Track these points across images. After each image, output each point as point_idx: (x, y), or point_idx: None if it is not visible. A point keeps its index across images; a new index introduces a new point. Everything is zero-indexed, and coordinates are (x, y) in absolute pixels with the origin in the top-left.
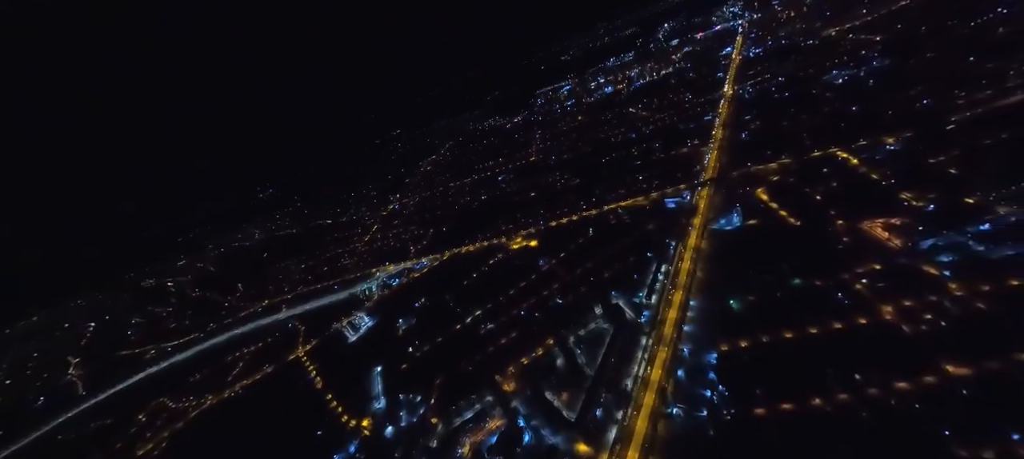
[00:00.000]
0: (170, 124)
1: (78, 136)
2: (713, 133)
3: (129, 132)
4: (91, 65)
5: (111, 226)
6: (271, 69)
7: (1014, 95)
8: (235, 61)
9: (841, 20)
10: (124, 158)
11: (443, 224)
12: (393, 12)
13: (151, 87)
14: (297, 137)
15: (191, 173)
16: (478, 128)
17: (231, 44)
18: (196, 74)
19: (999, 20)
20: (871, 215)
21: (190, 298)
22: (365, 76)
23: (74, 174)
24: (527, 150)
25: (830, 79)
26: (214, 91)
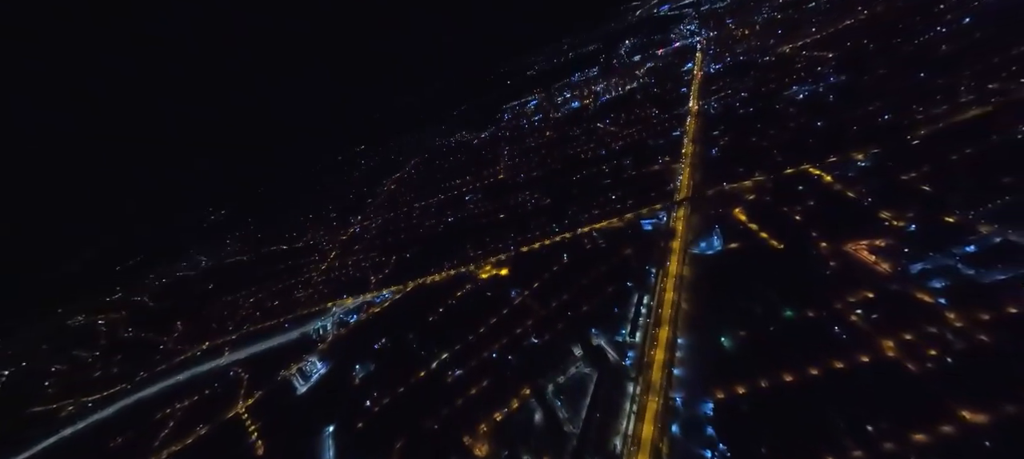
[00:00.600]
0: (169, 124)
1: (78, 136)
2: (683, 149)
3: (127, 132)
4: (91, 65)
5: (50, 252)
6: (253, 71)
7: (970, 110)
8: (234, 61)
9: (793, 38)
10: (121, 158)
11: (407, 250)
12: (355, 28)
13: (151, 87)
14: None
15: (188, 175)
16: (445, 144)
17: (231, 44)
18: (196, 74)
19: (940, 38)
20: (854, 236)
21: (121, 339)
22: (331, 88)
23: (70, 174)
24: (495, 167)
25: (791, 94)
26: (206, 92)
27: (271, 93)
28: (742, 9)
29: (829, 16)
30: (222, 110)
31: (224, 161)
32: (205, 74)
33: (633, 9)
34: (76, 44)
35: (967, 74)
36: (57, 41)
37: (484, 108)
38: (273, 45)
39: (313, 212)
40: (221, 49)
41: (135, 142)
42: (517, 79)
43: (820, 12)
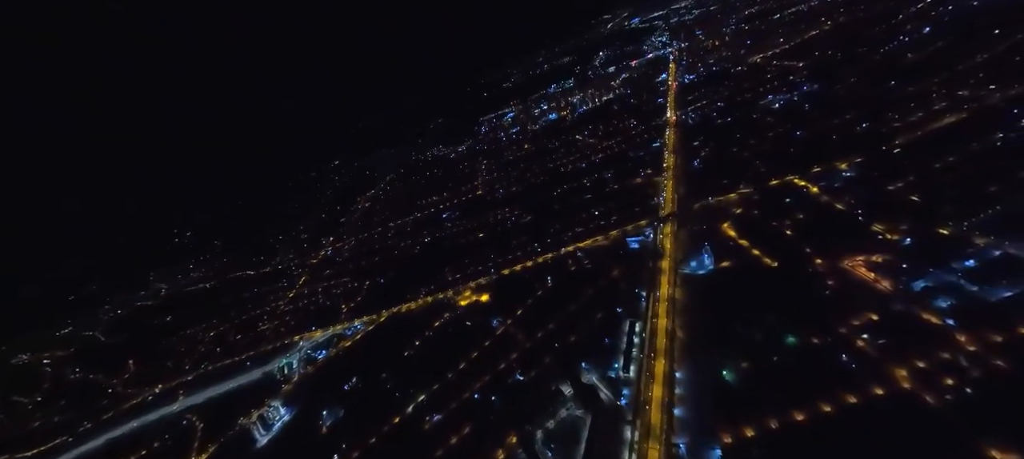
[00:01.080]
0: (171, 124)
1: (79, 136)
2: (665, 161)
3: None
4: (91, 65)
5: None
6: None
7: (945, 117)
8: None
9: (762, 48)
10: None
11: (381, 274)
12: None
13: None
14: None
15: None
16: (421, 158)
17: (231, 44)
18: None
19: (904, 47)
20: (849, 252)
21: (67, 381)
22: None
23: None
24: (473, 182)
25: (767, 104)
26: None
27: (233, 108)
28: (710, 21)
29: (794, 27)
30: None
31: (194, 176)
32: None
33: (605, 22)
34: (76, 44)
35: (936, 82)
36: (57, 41)
37: (461, 121)
38: (240, 57)
39: (283, 233)
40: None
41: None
42: (493, 91)
43: (785, 23)
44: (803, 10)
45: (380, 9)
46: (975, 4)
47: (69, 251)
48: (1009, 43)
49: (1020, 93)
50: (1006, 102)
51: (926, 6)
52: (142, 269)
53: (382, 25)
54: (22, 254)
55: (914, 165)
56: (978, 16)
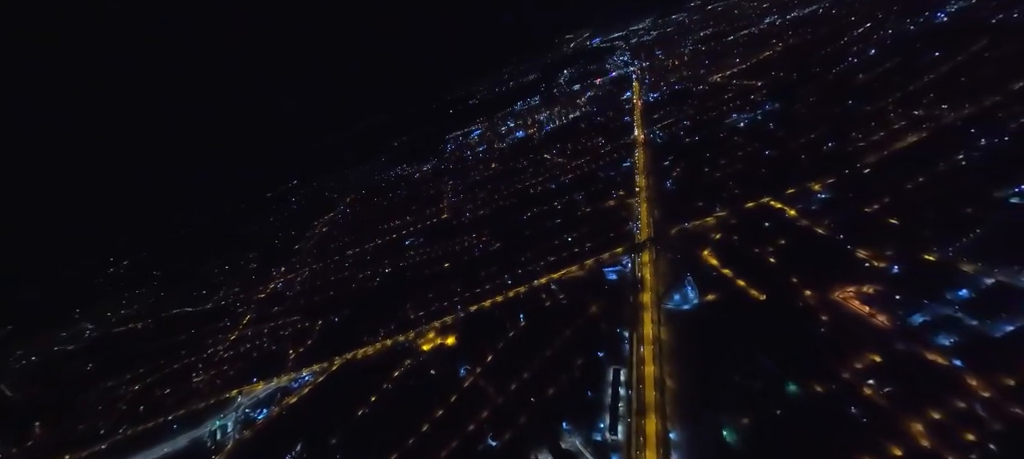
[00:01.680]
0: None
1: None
2: (636, 182)
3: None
4: (91, 65)
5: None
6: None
7: (907, 137)
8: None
9: (720, 68)
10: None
11: (336, 312)
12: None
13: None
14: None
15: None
16: (384, 178)
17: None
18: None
19: (855, 68)
20: (837, 281)
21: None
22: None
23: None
24: (438, 205)
25: (732, 123)
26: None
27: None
28: (668, 42)
29: (748, 48)
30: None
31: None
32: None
33: (567, 41)
34: (76, 44)
35: (891, 102)
36: (57, 41)
37: (426, 139)
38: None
39: (230, 262)
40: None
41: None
42: (459, 108)
43: (739, 44)
44: (754, 33)
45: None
46: (912, 29)
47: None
48: (950, 65)
49: (973, 113)
50: (962, 121)
51: (867, 30)
52: (69, 304)
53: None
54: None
55: (886, 186)
56: (916, 40)
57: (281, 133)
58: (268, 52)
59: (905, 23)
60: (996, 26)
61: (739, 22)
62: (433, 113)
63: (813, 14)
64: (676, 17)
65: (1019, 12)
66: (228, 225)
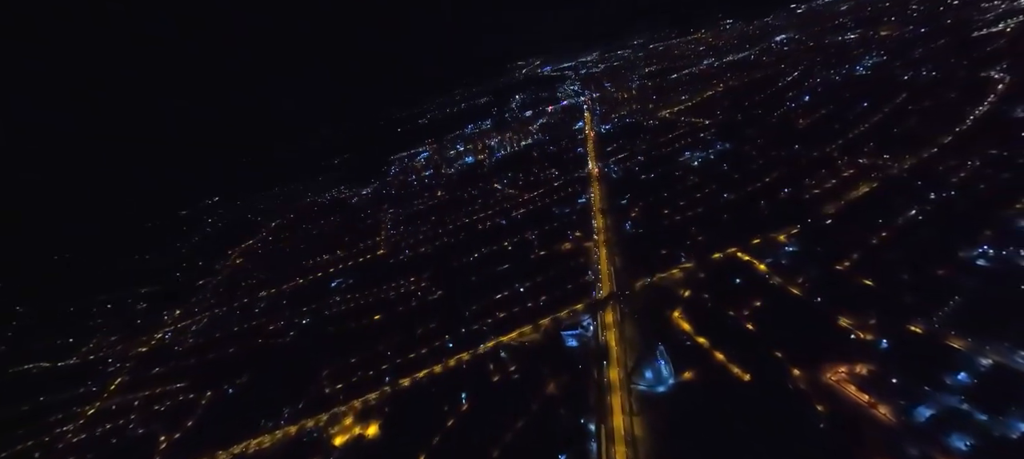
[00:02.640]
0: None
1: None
2: (594, 221)
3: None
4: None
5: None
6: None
7: (860, 187)
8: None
9: (668, 104)
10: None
11: (232, 378)
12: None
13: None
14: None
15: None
16: (318, 201)
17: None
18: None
19: (794, 113)
20: (825, 357)
21: None
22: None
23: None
24: (375, 237)
25: (686, 160)
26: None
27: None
28: (615, 75)
29: (692, 87)
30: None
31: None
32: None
33: (519, 67)
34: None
35: (834, 148)
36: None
37: (369, 158)
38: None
39: (116, 299)
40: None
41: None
42: (408, 127)
43: (683, 83)
44: (695, 72)
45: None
46: (838, 79)
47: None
48: (880, 115)
49: (915, 164)
50: (907, 173)
51: (797, 78)
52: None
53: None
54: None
55: (851, 241)
56: (843, 89)
57: (212, 142)
58: (215, 57)
59: (831, 74)
60: (909, 82)
61: (680, 62)
62: (380, 130)
63: (746, 59)
64: (621, 52)
65: (925, 70)
66: (125, 248)
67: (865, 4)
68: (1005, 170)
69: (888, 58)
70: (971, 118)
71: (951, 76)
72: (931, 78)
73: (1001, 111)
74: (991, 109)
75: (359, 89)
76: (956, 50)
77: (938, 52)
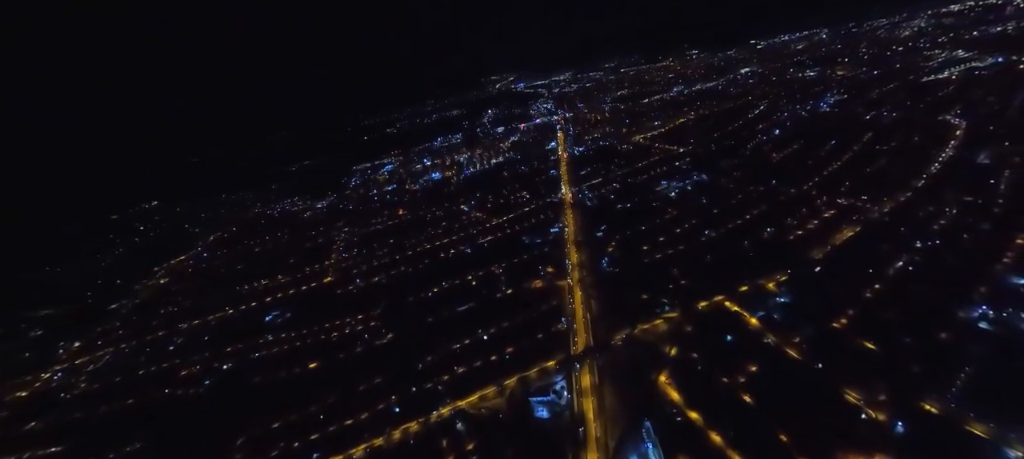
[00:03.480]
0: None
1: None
2: (568, 257)
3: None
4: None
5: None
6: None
7: (843, 231)
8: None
9: (641, 129)
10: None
11: (116, 447)
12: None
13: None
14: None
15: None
16: (267, 214)
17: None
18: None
19: (765, 145)
20: (838, 444)
21: None
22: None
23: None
24: (324, 260)
25: (663, 190)
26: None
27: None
28: (588, 96)
29: (664, 113)
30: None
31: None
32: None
33: (493, 83)
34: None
35: (812, 186)
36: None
37: (330, 168)
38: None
39: (5, 325)
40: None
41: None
42: (375, 136)
43: (655, 108)
44: (666, 99)
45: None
46: (804, 115)
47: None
48: (851, 153)
49: (893, 208)
50: (888, 217)
51: (765, 110)
52: None
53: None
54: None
55: (844, 292)
56: (811, 124)
57: (155, 139)
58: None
59: (797, 109)
60: (872, 122)
61: (651, 88)
62: (346, 137)
63: (714, 89)
64: (593, 74)
65: (886, 112)
66: (33, 257)
67: (819, 44)
68: (983, 220)
69: (848, 97)
70: (938, 162)
71: (911, 119)
72: (892, 119)
73: (964, 157)
74: (955, 154)
75: (329, 91)
76: (910, 93)
77: (894, 94)
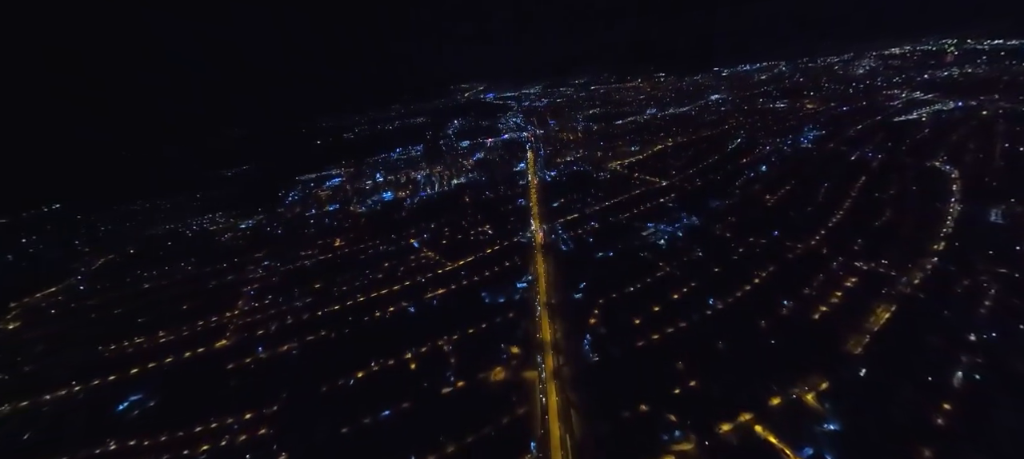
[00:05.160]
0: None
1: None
2: (539, 330)
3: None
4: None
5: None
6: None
7: (878, 311)
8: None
9: (617, 154)
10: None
11: None
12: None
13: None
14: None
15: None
16: (179, 231)
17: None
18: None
19: (755, 183)
20: None
21: None
22: None
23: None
24: (226, 309)
25: (651, 236)
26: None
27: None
28: (559, 113)
29: (640, 137)
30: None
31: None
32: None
33: (462, 91)
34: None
35: (818, 239)
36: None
37: (271, 176)
38: None
39: None
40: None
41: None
42: (330, 140)
43: (630, 131)
44: (640, 122)
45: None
46: (787, 150)
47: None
48: (849, 200)
49: (926, 278)
50: (923, 294)
51: (745, 142)
52: None
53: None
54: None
55: (911, 420)
56: (795, 162)
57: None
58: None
59: (778, 142)
60: (858, 164)
61: (623, 108)
62: (298, 139)
63: (687, 114)
64: (564, 90)
65: (870, 153)
66: None
67: (781, 77)
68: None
69: (826, 134)
70: (949, 218)
71: (898, 162)
72: (879, 161)
73: (976, 213)
74: (965, 209)
75: (288, 88)
76: (888, 134)
77: (871, 133)
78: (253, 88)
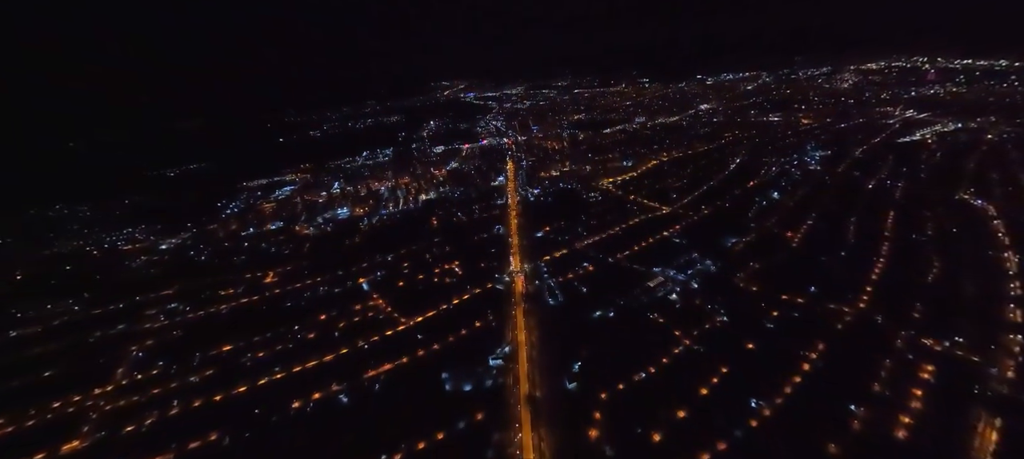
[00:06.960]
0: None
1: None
2: (519, 444)
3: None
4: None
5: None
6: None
7: (960, 407)
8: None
9: (607, 169)
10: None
11: None
12: None
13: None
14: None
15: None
16: (79, 250)
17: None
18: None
19: (769, 214)
20: None
21: None
22: None
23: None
24: (102, 379)
25: (658, 287)
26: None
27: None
28: (543, 118)
29: (631, 149)
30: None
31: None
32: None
33: (442, 88)
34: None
35: (867, 300)
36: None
37: (216, 180)
38: None
39: None
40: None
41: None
42: (292, 139)
43: (619, 142)
44: (629, 131)
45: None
46: (796, 173)
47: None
48: (888, 245)
49: (1017, 369)
50: (1001, 387)
51: (747, 161)
52: None
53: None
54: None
55: None
56: (808, 188)
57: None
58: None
59: (783, 163)
60: (878, 193)
61: (610, 115)
62: (261, 135)
63: (678, 125)
64: (547, 92)
65: (889, 181)
66: None
67: (767, 88)
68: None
69: (832, 154)
70: (1011, 273)
71: (922, 194)
72: (901, 191)
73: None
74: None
75: (260, 77)
76: (898, 157)
77: (880, 155)
78: (225, 74)
